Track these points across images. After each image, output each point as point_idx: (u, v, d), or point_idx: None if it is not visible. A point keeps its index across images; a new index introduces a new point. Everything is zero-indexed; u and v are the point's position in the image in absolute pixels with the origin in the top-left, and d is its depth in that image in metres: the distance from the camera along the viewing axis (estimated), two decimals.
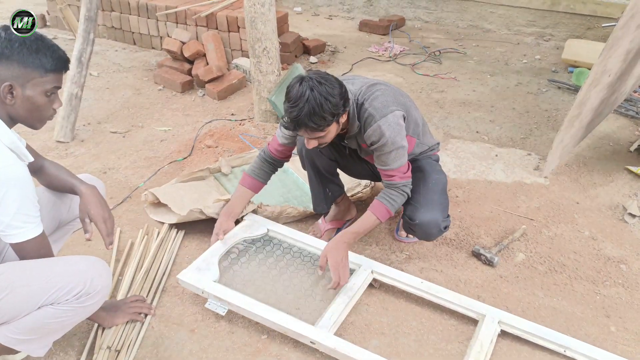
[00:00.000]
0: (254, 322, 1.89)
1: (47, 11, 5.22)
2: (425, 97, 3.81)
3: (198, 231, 2.36)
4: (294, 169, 2.75)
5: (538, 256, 2.27)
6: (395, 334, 1.88)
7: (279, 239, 2.22)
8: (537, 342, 1.81)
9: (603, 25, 4.35)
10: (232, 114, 3.56)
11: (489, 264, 2.20)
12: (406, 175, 1.93)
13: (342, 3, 6.18)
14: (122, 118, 3.54)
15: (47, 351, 1.60)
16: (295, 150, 2.17)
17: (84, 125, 3.41)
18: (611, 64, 2.45)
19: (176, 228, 2.37)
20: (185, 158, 3.02)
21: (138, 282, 2.04)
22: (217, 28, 4.19)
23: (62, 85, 1.51)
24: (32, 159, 1.52)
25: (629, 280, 2.14)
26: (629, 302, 2.03)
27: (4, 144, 1.39)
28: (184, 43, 4.07)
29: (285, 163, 2.19)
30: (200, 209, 2.26)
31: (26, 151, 1.49)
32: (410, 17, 5.74)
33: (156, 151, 3.11)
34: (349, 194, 2.45)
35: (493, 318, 1.85)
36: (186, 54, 4.03)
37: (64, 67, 1.47)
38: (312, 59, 4.48)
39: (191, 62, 4.11)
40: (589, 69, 2.76)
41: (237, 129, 3.34)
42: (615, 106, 3.30)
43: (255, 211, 2.34)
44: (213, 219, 2.25)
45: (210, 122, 3.44)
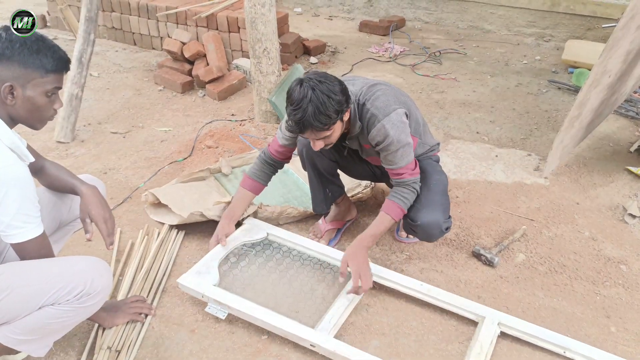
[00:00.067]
0: None
1: (47, 12, 5.23)
2: (426, 98, 3.82)
3: (198, 232, 2.37)
4: (294, 170, 2.75)
5: (538, 257, 2.27)
6: (395, 334, 1.88)
7: (279, 243, 2.22)
8: (537, 344, 1.81)
9: (603, 26, 4.35)
10: (233, 115, 3.56)
11: (489, 264, 2.20)
12: (415, 172, 1.93)
13: (342, 4, 6.18)
14: (123, 118, 3.54)
15: (48, 351, 1.60)
16: (295, 151, 2.17)
17: (85, 125, 3.42)
18: (611, 64, 2.45)
19: (176, 228, 2.37)
20: (186, 158, 3.02)
21: (138, 283, 2.04)
22: (217, 29, 4.19)
23: (62, 86, 1.51)
24: (32, 159, 1.52)
25: (629, 281, 2.14)
26: (629, 303, 2.03)
27: (4, 144, 1.39)
28: (184, 43, 4.07)
29: (285, 164, 2.19)
30: (201, 212, 2.26)
31: (27, 151, 1.49)
32: (410, 18, 5.75)
33: (156, 151, 3.11)
34: (349, 195, 2.45)
35: (493, 320, 1.85)
36: (186, 55, 4.04)
37: (65, 68, 1.47)
38: (313, 60, 4.48)
39: (191, 63, 4.11)
40: (589, 69, 2.76)
41: (237, 129, 3.34)
42: (615, 107, 3.30)
43: (256, 212, 2.34)
44: (214, 220, 2.25)
45: (211, 122, 3.44)
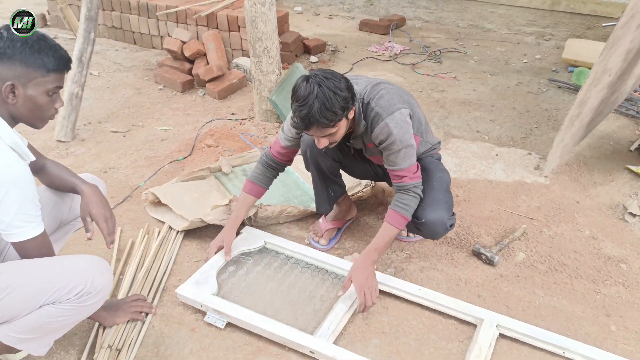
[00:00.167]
0: None
1: (47, 11, 5.23)
2: (426, 97, 3.81)
3: (198, 231, 2.37)
4: (294, 169, 2.76)
5: (538, 255, 2.27)
6: (395, 333, 1.88)
7: (276, 251, 2.23)
8: (536, 345, 1.81)
9: (603, 24, 4.35)
10: (233, 114, 3.56)
11: (490, 263, 2.20)
12: (416, 176, 1.92)
13: (343, 3, 6.18)
14: (123, 117, 3.54)
15: (48, 350, 1.60)
16: (298, 151, 2.17)
17: (85, 124, 3.42)
18: (611, 63, 2.45)
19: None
20: (186, 157, 3.03)
21: (139, 282, 2.04)
22: (217, 27, 4.19)
23: (64, 85, 1.51)
24: (33, 158, 1.53)
25: (629, 280, 2.14)
26: (630, 301, 2.04)
27: (5, 143, 1.39)
28: (184, 42, 4.07)
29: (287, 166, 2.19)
30: (201, 218, 2.27)
31: (28, 150, 1.49)
32: (410, 17, 5.74)
33: (157, 150, 3.11)
34: (349, 194, 2.45)
35: (491, 322, 1.85)
36: (187, 54, 4.03)
37: (66, 67, 1.47)
38: (313, 59, 4.48)
39: (192, 62, 4.11)
40: (589, 68, 2.76)
41: (237, 128, 3.34)
42: (615, 106, 3.30)
43: (256, 212, 2.35)
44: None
45: (211, 121, 3.44)
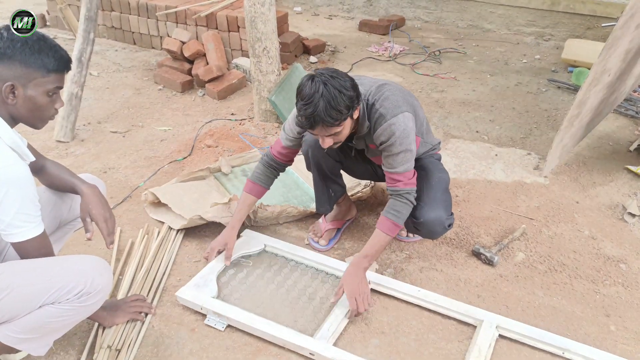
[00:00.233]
0: None
1: (47, 11, 5.22)
2: (425, 97, 3.82)
3: (198, 231, 2.37)
4: (294, 169, 2.75)
5: (538, 255, 2.27)
6: (395, 333, 1.88)
7: (277, 254, 2.23)
8: (536, 345, 1.81)
9: (603, 25, 4.35)
10: (232, 114, 3.56)
11: (489, 263, 2.21)
12: (411, 182, 1.92)
13: (342, 3, 6.18)
14: (122, 118, 3.54)
15: (48, 350, 1.60)
16: (299, 152, 2.17)
17: (84, 124, 3.42)
18: (611, 63, 2.45)
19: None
20: (185, 158, 3.03)
21: (138, 282, 2.04)
22: (217, 28, 4.19)
23: (64, 85, 1.51)
24: (33, 158, 1.53)
25: (629, 280, 2.14)
26: (629, 301, 2.04)
27: (5, 143, 1.39)
28: (184, 43, 4.07)
29: (287, 167, 2.19)
30: (200, 215, 2.27)
31: (27, 150, 1.49)
32: (410, 17, 5.75)
33: (156, 151, 3.11)
34: (349, 194, 2.45)
35: (491, 323, 1.85)
36: (186, 54, 4.03)
37: (66, 67, 1.47)
38: (312, 59, 4.48)
39: (191, 62, 4.11)
40: (589, 68, 2.76)
41: (237, 128, 3.34)
42: (614, 106, 3.31)
43: (256, 212, 2.35)
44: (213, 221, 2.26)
45: (210, 121, 3.44)
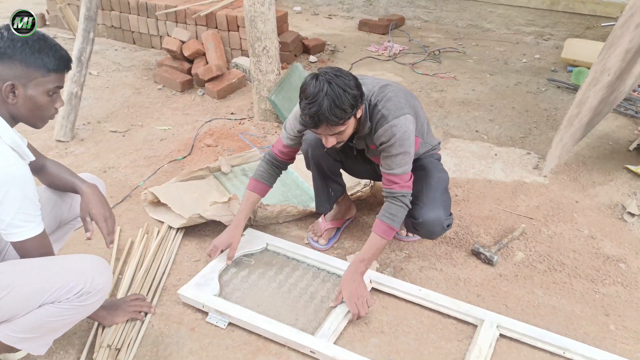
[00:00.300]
0: None
1: (46, 10, 5.22)
2: (425, 96, 3.82)
3: (198, 230, 2.37)
4: (294, 168, 2.75)
5: (537, 255, 2.27)
6: (395, 333, 1.89)
7: (278, 253, 2.23)
8: (536, 345, 1.81)
9: (602, 24, 4.33)
10: (232, 113, 3.56)
11: (489, 262, 2.21)
12: (407, 185, 1.92)
13: (342, 2, 6.18)
14: (122, 117, 3.54)
15: (48, 350, 1.60)
16: (300, 150, 2.17)
17: (84, 124, 3.41)
18: (610, 63, 2.45)
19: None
20: (185, 157, 3.03)
21: (138, 281, 2.04)
22: (216, 27, 4.19)
23: (64, 85, 1.51)
24: (33, 157, 1.53)
25: (628, 279, 2.14)
26: (628, 301, 2.04)
27: (5, 143, 1.39)
28: (183, 42, 4.07)
29: (289, 165, 2.19)
30: (199, 214, 2.27)
31: (27, 150, 1.49)
32: (409, 17, 5.75)
33: (156, 150, 3.11)
34: (348, 193, 2.45)
35: (491, 323, 1.85)
36: (186, 53, 4.03)
37: (66, 67, 1.47)
38: (312, 58, 4.48)
39: (191, 62, 4.11)
40: (588, 68, 2.76)
41: (236, 128, 3.34)
42: (614, 105, 3.30)
43: (256, 211, 2.35)
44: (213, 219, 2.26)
45: (210, 121, 3.44)
